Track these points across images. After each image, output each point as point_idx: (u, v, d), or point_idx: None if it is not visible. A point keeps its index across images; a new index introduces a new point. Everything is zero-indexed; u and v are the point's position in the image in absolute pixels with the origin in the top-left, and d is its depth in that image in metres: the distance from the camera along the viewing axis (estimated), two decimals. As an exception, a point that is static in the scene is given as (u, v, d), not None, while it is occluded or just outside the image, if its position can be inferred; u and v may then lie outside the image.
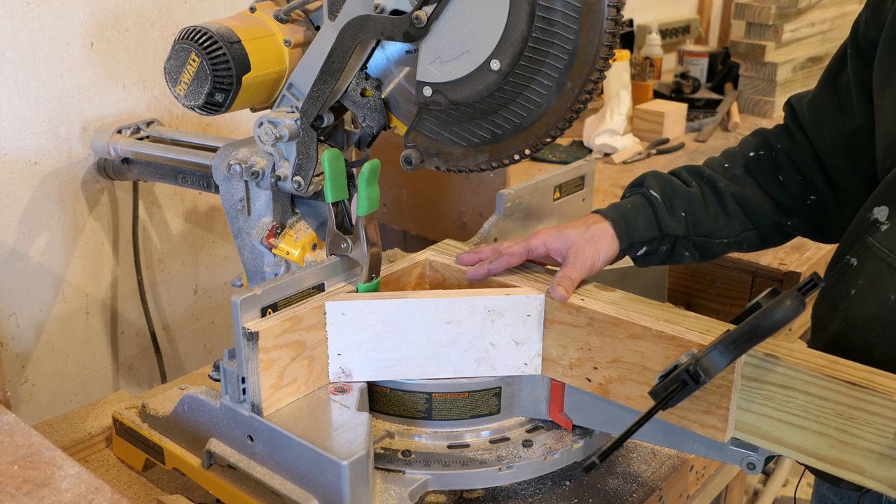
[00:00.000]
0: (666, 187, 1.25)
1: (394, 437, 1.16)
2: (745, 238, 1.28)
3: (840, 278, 1.13)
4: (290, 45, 1.27)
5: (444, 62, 1.11)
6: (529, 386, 1.19)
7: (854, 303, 1.09)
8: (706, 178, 1.27)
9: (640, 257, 1.25)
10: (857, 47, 1.18)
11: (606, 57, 1.07)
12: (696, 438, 1.06)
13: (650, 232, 1.22)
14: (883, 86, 1.12)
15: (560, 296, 1.11)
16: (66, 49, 1.53)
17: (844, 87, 1.21)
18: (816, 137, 1.25)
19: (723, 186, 1.25)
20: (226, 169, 1.30)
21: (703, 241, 1.25)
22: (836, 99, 1.23)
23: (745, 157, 1.29)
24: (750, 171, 1.27)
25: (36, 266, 1.59)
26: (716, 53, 3.09)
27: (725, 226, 1.25)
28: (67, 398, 1.69)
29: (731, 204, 1.25)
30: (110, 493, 1.03)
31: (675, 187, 1.25)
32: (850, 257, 1.12)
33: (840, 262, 1.14)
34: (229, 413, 1.11)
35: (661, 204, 1.23)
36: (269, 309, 1.09)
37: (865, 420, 0.93)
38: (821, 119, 1.25)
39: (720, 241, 1.26)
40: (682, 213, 1.23)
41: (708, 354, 0.96)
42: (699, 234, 1.25)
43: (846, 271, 1.12)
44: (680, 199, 1.24)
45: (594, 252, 1.17)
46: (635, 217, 1.21)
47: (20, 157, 1.52)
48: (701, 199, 1.25)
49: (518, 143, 1.17)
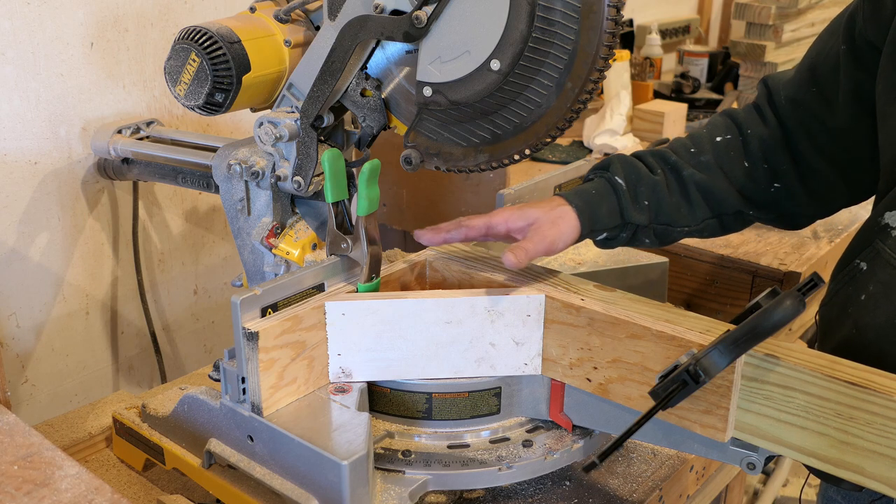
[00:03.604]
0: (631, 173, 1.23)
1: (394, 437, 1.16)
2: (706, 226, 1.27)
3: (849, 282, 1.12)
4: (290, 45, 1.27)
5: (444, 62, 1.11)
6: (529, 386, 1.19)
7: (865, 309, 1.09)
8: (671, 164, 1.25)
9: (601, 241, 1.25)
10: (852, 47, 1.16)
11: (606, 57, 1.07)
12: (696, 438, 1.06)
13: (613, 220, 1.21)
14: (891, 93, 1.10)
15: (509, 261, 1.09)
16: (66, 49, 1.53)
17: (824, 77, 1.20)
18: (790, 125, 1.24)
19: (687, 175, 1.24)
20: (226, 169, 1.30)
21: (664, 229, 1.25)
22: (814, 87, 1.22)
23: (713, 141, 1.27)
24: (716, 157, 1.26)
25: (36, 266, 1.59)
26: (716, 53, 3.09)
27: (688, 214, 1.25)
28: (67, 398, 1.69)
29: (694, 193, 1.24)
30: (110, 493, 1.03)
31: (640, 174, 1.24)
32: (860, 261, 1.11)
33: (849, 265, 1.13)
34: (229, 413, 1.11)
35: (626, 192, 1.22)
36: (269, 309, 1.09)
37: (865, 420, 0.93)
38: (797, 106, 1.23)
39: (681, 228, 1.25)
40: (645, 201, 1.23)
41: (708, 354, 0.96)
42: (661, 222, 1.24)
43: (856, 275, 1.11)
44: (644, 186, 1.23)
45: (556, 232, 1.16)
46: (599, 204, 1.21)
47: (20, 157, 1.52)
48: (665, 187, 1.24)
49: (518, 143, 1.17)
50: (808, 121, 1.22)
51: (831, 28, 1.22)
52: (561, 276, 1.21)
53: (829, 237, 1.98)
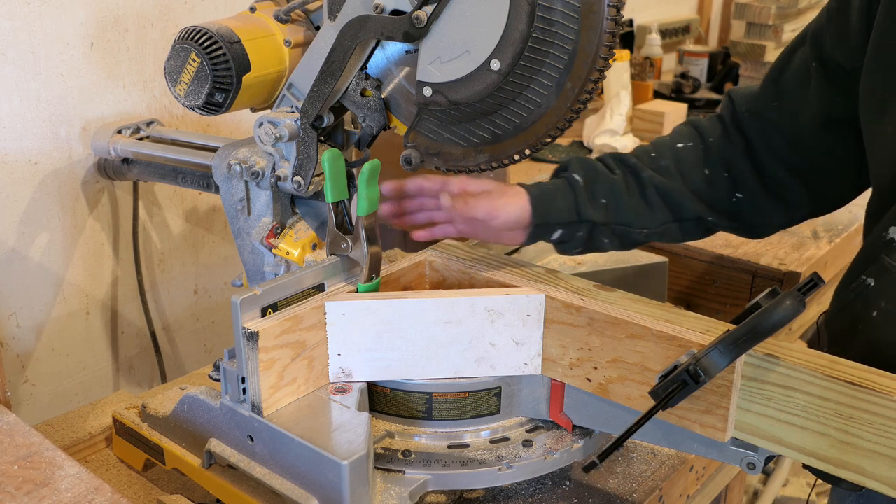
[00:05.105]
0: (589, 172, 1.23)
1: (394, 437, 1.16)
2: (666, 230, 1.27)
3: (857, 298, 1.12)
4: (290, 45, 1.27)
5: (444, 62, 1.11)
6: (529, 386, 1.19)
7: (877, 326, 1.08)
8: (631, 166, 1.25)
9: (558, 242, 1.24)
10: (823, 66, 1.17)
11: (606, 57, 1.07)
12: (696, 438, 1.06)
13: (568, 215, 1.21)
14: (880, 113, 1.10)
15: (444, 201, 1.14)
16: (67, 49, 1.53)
17: (788, 91, 1.21)
18: (752, 136, 1.25)
19: (646, 177, 1.24)
20: (226, 169, 1.30)
21: (623, 230, 1.24)
22: (776, 102, 1.23)
23: (674, 148, 1.28)
24: (676, 163, 1.26)
25: (36, 266, 1.59)
26: (716, 53, 3.09)
27: (646, 216, 1.24)
28: (67, 398, 1.69)
29: (653, 195, 1.24)
30: (110, 493, 1.03)
31: (598, 172, 1.24)
32: (867, 277, 1.10)
33: (855, 280, 1.12)
34: (229, 413, 1.11)
35: (583, 188, 1.22)
36: (269, 309, 1.09)
37: (865, 420, 0.93)
38: (760, 119, 1.24)
39: (640, 230, 1.25)
40: (602, 199, 1.22)
41: (708, 354, 0.96)
42: (620, 223, 1.24)
43: (863, 291, 1.11)
44: (602, 184, 1.23)
45: (503, 202, 1.17)
46: (554, 196, 1.21)
47: (20, 158, 1.52)
48: (624, 186, 1.24)
49: (518, 143, 1.17)
50: (770, 133, 1.23)
51: (795, 44, 1.23)
52: (561, 276, 1.21)
53: (828, 237, 1.98)
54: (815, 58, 1.18)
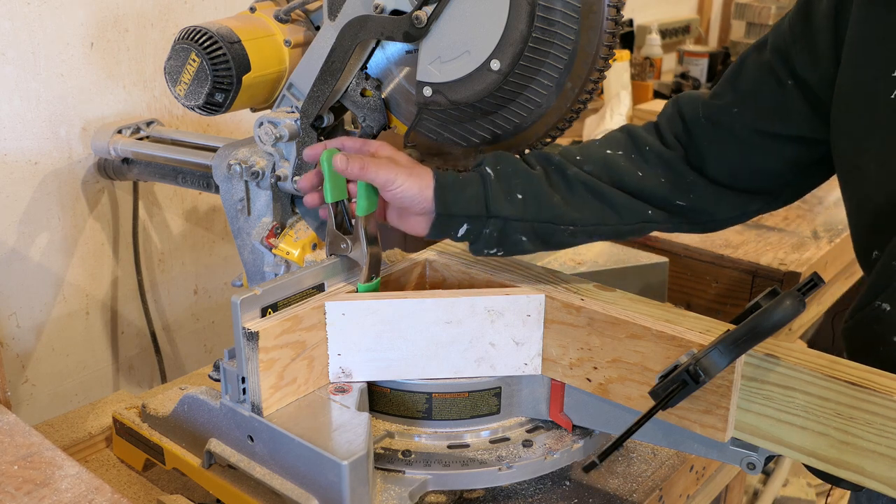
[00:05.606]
0: (506, 166, 1.13)
1: (394, 437, 1.16)
2: (596, 230, 1.18)
3: (873, 322, 1.07)
4: (290, 45, 1.27)
5: (444, 62, 1.11)
6: (529, 386, 1.19)
7: None
8: (555, 164, 1.16)
9: (465, 238, 1.14)
10: (800, 86, 1.12)
11: (606, 57, 1.07)
12: (696, 438, 1.06)
13: (475, 208, 1.10)
14: (859, 144, 1.07)
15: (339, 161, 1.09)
16: (67, 49, 1.53)
17: (746, 98, 1.16)
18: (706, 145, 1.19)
19: (572, 174, 1.16)
20: (226, 169, 1.30)
21: (545, 227, 1.14)
22: (736, 109, 1.17)
23: (603, 153, 1.19)
24: (605, 168, 1.18)
25: (36, 266, 1.59)
26: (716, 53, 3.09)
27: (572, 213, 1.14)
28: (67, 398, 1.69)
29: (580, 191, 1.15)
30: (110, 493, 1.03)
31: (516, 167, 1.13)
32: (882, 302, 1.06)
33: (869, 305, 1.08)
34: (229, 413, 1.11)
35: (495, 181, 1.11)
36: (269, 309, 1.09)
37: (865, 420, 0.93)
38: (715, 126, 1.18)
39: (566, 227, 1.15)
40: (518, 194, 1.12)
41: (708, 354, 0.96)
42: (541, 220, 1.14)
43: (880, 316, 1.06)
44: (520, 179, 1.12)
45: (406, 176, 1.09)
46: (462, 187, 1.11)
47: (20, 158, 1.52)
48: (546, 182, 1.14)
49: (518, 143, 1.17)
50: (725, 139, 1.17)
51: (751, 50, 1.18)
52: (561, 276, 1.21)
53: (828, 237, 1.99)
54: (790, 75, 1.13)
